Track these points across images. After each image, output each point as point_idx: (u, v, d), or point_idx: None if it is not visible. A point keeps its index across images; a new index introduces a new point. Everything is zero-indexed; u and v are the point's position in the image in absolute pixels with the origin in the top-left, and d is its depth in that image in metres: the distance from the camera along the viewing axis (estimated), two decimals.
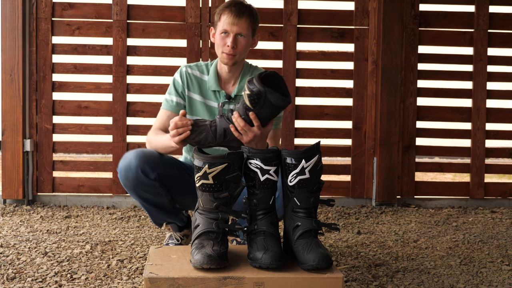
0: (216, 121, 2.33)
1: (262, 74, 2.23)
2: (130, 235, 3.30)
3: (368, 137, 4.21)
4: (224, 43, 2.61)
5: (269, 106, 2.23)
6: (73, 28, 4.10)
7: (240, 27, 2.59)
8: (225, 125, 2.30)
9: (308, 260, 2.05)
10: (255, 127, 2.28)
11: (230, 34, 2.59)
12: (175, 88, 2.72)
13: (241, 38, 2.61)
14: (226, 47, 2.60)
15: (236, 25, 2.58)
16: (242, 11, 2.59)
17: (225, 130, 2.30)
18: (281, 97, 2.21)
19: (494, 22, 4.25)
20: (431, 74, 4.28)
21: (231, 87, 2.72)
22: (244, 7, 2.61)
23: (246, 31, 2.61)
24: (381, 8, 4.12)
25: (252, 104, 2.23)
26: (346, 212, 4.03)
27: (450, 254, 2.99)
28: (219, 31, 2.62)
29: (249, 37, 2.64)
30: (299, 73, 4.19)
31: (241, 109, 2.27)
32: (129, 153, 2.58)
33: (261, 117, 2.27)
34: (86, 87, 4.12)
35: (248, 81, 2.24)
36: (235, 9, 2.59)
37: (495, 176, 5.47)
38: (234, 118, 2.28)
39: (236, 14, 2.58)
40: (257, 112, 2.25)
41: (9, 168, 4.03)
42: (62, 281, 2.46)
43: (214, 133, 2.31)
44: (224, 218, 2.13)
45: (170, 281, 1.98)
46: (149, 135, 2.67)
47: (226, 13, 2.60)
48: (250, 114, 2.25)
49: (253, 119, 2.26)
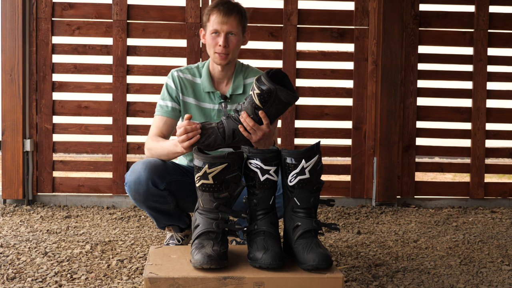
0: (223, 123, 2.31)
1: (270, 72, 2.24)
2: (130, 235, 3.30)
3: (368, 137, 4.21)
4: (215, 43, 2.60)
5: (278, 103, 2.23)
6: (73, 28, 4.10)
7: (230, 25, 2.58)
8: (233, 125, 2.30)
9: (308, 260, 2.05)
10: (264, 125, 2.27)
11: (221, 33, 2.58)
12: (168, 93, 2.69)
13: (232, 37, 2.60)
14: (218, 47, 2.59)
15: (226, 24, 2.57)
16: (230, 10, 2.58)
17: (233, 131, 2.29)
18: (291, 93, 2.21)
19: (494, 22, 4.25)
20: (431, 74, 4.28)
21: (225, 87, 2.71)
22: (232, 5, 2.60)
23: (236, 29, 2.59)
24: (381, 8, 4.12)
25: (262, 103, 2.23)
26: (346, 212, 4.03)
27: (450, 254, 2.99)
28: (210, 32, 2.61)
29: (240, 35, 2.62)
30: (299, 73, 4.19)
31: (249, 108, 2.26)
32: (136, 166, 2.52)
33: (270, 115, 2.26)
34: (86, 87, 4.12)
35: (256, 80, 2.23)
36: (223, 8, 2.58)
37: (495, 176, 5.47)
38: (242, 118, 2.27)
39: (225, 13, 2.57)
40: (266, 110, 2.25)
41: (9, 168, 4.03)
42: (62, 281, 2.46)
43: (222, 134, 2.30)
44: (224, 218, 2.13)
45: (170, 281, 1.98)
46: (148, 143, 2.62)
47: (215, 12, 2.59)
48: (260, 113, 2.24)
49: (262, 117, 2.25)
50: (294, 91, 2.24)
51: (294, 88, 2.27)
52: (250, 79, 2.71)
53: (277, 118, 2.33)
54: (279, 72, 2.26)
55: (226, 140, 2.29)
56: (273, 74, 2.24)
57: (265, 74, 2.22)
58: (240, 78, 2.69)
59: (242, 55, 4.10)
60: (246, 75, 2.72)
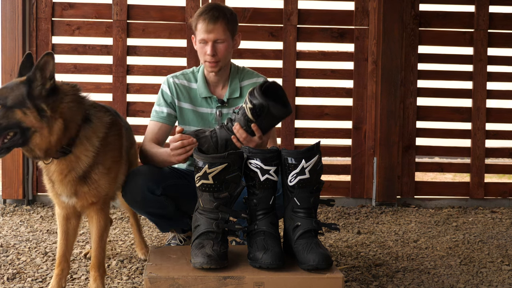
0: (216, 132, 2.33)
1: (263, 87, 2.24)
2: (130, 235, 3.30)
3: (368, 137, 4.21)
4: (204, 52, 2.58)
5: (270, 117, 2.24)
6: (73, 28, 4.10)
7: (216, 33, 2.54)
8: (226, 135, 2.31)
9: (308, 260, 2.05)
10: (256, 137, 2.28)
11: (208, 42, 2.55)
12: (164, 99, 2.68)
13: (219, 45, 2.56)
14: (206, 55, 2.57)
15: (211, 33, 2.54)
16: (215, 17, 2.54)
17: (226, 141, 2.31)
18: (283, 109, 2.23)
19: (494, 22, 4.25)
20: (431, 74, 4.28)
21: (221, 90, 2.70)
22: (217, 12, 2.55)
23: (223, 35, 2.56)
24: (381, 8, 4.12)
25: (254, 117, 2.24)
26: (346, 212, 4.03)
27: (450, 254, 2.99)
28: (198, 41, 2.59)
29: (229, 40, 2.59)
30: (299, 73, 4.19)
31: (242, 120, 2.27)
32: (131, 174, 2.50)
33: (262, 127, 2.28)
34: (86, 87, 4.11)
35: (249, 94, 2.23)
36: (208, 17, 2.54)
37: (495, 176, 5.46)
38: (235, 129, 2.28)
39: (210, 20, 2.53)
40: (259, 123, 2.26)
41: (9, 168, 4.03)
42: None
43: (215, 144, 2.31)
44: (224, 218, 2.13)
45: (170, 281, 1.99)
46: (143, 149, 2.61)
47: (200, 21, 2.55)
48: (252, 126, 2.25)
49: (255, 130, 2.26)
50: (287, 105, 2.25)
51: (287, 100, 2.27)
52: (246, 81, 2.70)
53: (270, 129, 2.34)
54: (273, 85, 2.26)
55: (219, 150, 2.30)
56: (267, 87, 2.24)
57: (258, 88, 2.22)
58: (236, 81, 2.68)
59: (242, 55, 4.10)
60: (242, 78, 2.70)
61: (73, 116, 2.10)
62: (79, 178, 2.17)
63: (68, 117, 2.08)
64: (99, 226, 2.26)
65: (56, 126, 2.04)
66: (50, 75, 2.05)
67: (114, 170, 2.26)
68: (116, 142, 2.28)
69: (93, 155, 2.16)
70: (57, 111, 2.05)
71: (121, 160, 2.32)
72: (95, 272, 2.26)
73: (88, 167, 2.17)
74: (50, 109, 2.03)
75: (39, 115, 2.02)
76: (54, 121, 2.04)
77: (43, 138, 2.04)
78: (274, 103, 2.21)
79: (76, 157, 2.14)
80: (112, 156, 2.24)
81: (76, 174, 2.16)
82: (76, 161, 2.14)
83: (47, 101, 2.03)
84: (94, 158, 2.17)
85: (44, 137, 2.04)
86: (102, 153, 2.19)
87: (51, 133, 2.04)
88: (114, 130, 2.27)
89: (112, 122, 2.26)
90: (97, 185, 2.19)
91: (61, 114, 2.06)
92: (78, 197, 2.20)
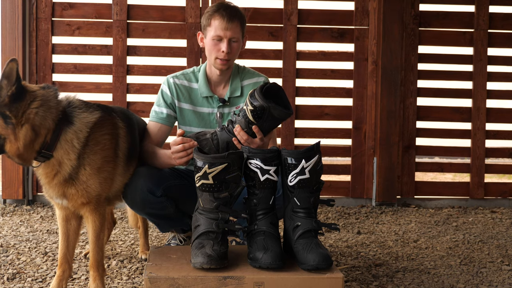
0: (217, 134, 2.33)
1: (264, 88, 2.24)
2: (130, 235, 3.30)
3: (368, 137, 4.21)
4: (218, 49, 2.56)
5: (271, 119, 2.25)
6: (73, 28, 4.10)
7: (233, 31, 2.54)
8: (227, 138, 2.31)
9: (308, 260, 2.05)
10: (258, 139, 2.28)
11: (224, 39, 2.54)
12: (164, 100, 2.67)
13: (234, 43, 2.57)
14: (220, 53, 2.55)
15: (229, 30, 2.53)
16: (233, 15, 2.54)
17: (227, 143, 2.31)
18: (284, 110, 2.23)
19: (494, 22, 4.25)
20: (431, 74, 4.28)
21: (222, 89, 2.69)
22: (234, 11, 2.56)
23: (238, 35, 2.57)
24: (381, 8, 4.12)
25: (255, 119, 2.24)
26: (346, 212, 4.03)
27: (450, 254, 2.99)
28: (211, 37, 2.56)
29: (241, 40, 2.60)
30: (299, 73, 4.19)
31: (243, 122, 2.27)
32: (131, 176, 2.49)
33: (263, 129, 2.28)
34: (86, 87, 4.12)
35: (249, 96, 2.23)
36: (226, 14, 2.53)
37: (495, 176, 5.47)
38: (236, 131, 2.28)
39: (228, 18, 2.53)
40: (260, 125, 2.26)
41: (9, 168, 4.03)
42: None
43: (216, 146, 2.31)
44: (224, 218, 2.13)
45: (170, 281, 1.99)
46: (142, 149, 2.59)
47: (218, 17, 2.54)
48: (253, 128, 2.26)
49: (256, 132, 2.26)
50: (288, 107, 2.25)
51: (288, 102, 2.27)
52: (247, 80, 2.70)
53: (271, 131, 2.34)
54: (273, 86, 2.26)
55: (220, 152, 2.30)
56: (267, 89, 2.25)
57: (259, 89, 2.23)
58: (237, 80, 2.68)
59: (243, 55, 4.09)
60: (243, 77, 2.70)
61: (41, 121, 2.08)
62: (66, 180, 2.16)
63: (37, 122, 2.07)
64: (94, 226, 2.26)
65: (21, 133, 2.04)
66: (14, 81, 2.03)
67: (105, 170, 2.23)
68: (107, 142, 2.25)
69: (75, 157, 2.15)
70: (22, 117, 2.04)
71: (116, 160, 2.30)
72: (94, 272, 2.25)
73: (75, 169, 2.16)
74: (13, 116, 2.02)
75: (4, 123, 2.02)
76: (20, 128, 2.04)
77: (12, 145, 2.05)
78: (275, 105, 2.21)
79: (57, 161, 2.14)
80: (103, 156, 2.22)
81: (62, 177, 2.16)
82: (59, 165, 2.14)
83: (10, 108, 2.02)
84: (78, 159, 2.15)
85: (12, 143, 2.05)
86: (90, 154, 2.18)
87: (17, 139, 2.04)
88: (105, 130, 2.24)
89: (100, 122, 2.23)
90: (85, 186, 2.19)
91: (27, 120, 2.05)
92: (68, 199, 2.20)
